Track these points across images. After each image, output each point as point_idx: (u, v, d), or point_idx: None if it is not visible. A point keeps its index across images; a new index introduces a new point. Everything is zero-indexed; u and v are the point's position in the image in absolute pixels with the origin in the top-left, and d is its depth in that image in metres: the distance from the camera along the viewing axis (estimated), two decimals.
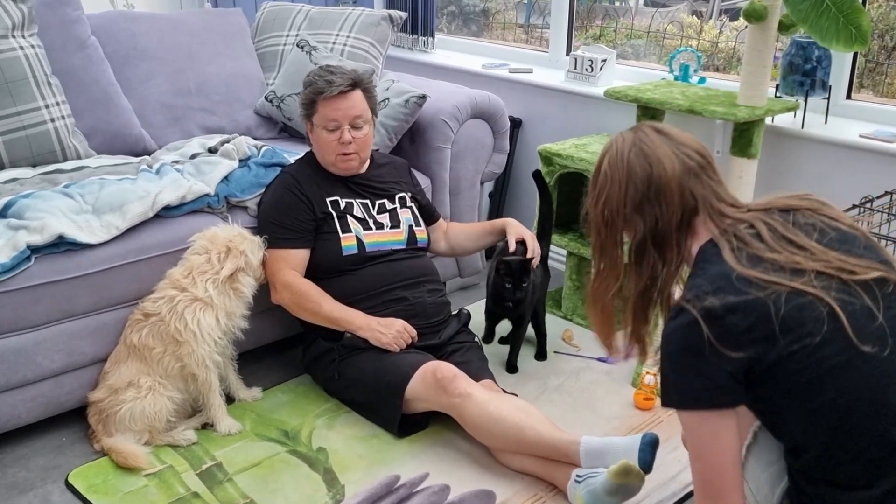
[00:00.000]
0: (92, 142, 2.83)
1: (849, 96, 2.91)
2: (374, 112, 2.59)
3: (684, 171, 1.54)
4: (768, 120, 2.84)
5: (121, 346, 2.37)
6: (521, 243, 2.65)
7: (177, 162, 2.73)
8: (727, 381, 1.42)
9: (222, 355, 2.43)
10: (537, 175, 2.89)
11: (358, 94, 2.53)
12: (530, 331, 2.86)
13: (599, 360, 2.86)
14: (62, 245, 2.28)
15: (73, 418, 2.43)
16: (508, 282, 2.60)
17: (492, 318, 2.86)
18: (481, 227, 2.85)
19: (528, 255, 2.62)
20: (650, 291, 1.58)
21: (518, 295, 2.61)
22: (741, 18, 2.72)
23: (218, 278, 2.35)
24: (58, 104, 2.72)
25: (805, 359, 1.37)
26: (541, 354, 2.85)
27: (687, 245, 1.56)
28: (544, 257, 2.82)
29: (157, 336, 2.33)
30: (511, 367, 2.77)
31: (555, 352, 2.90)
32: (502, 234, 2.74)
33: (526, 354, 2.85)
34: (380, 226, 2.61)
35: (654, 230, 1.55)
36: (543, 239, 2.82)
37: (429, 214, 2.79)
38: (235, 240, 2.42)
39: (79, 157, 2.75)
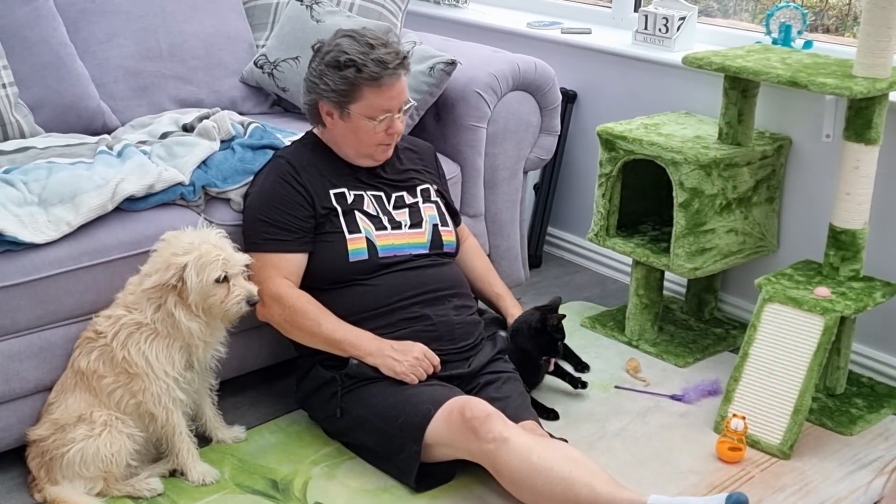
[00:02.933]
0: (39, 116, 2.86)
1: None
2: None
3: None
4: (893, 95, 2.80)
5: (69, 371, 2.39)
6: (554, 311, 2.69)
7: (143, 142, 2.75)
8: None
9: (189, 390, 2.42)
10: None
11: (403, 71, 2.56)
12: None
13: (673, 397, 2.84)
14: (1, 244, 2.30)
15: (10, 460, 2.45)
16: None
17: None
18: (490, 285, 2.85)
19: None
20: None
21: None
22: None
23: (161, 302, 2.30)
24: None
25: None
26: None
27: None
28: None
29: (107, 362, 2.33)
30: (581, 365, 2.91)
31: (615, 387, 2.89)
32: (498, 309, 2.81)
33: (574, 393, 2.85)
34: (396, 225, 2.61)
35: None
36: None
37: (451, 216, 2.79)
38: (181, 250, 2.29)
39: (23, 136, 2.77)
